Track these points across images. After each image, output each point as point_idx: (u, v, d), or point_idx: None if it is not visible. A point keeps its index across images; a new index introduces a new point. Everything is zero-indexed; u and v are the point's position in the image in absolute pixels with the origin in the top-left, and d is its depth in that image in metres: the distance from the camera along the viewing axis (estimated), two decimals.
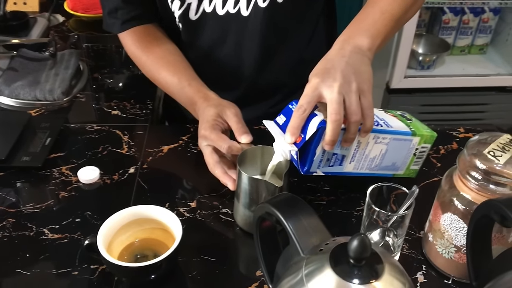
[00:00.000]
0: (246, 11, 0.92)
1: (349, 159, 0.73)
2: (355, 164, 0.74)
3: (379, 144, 0.74)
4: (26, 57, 1.10)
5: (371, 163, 0.76)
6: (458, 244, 0.67)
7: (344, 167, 0.73)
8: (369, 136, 0.72)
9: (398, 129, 0.75)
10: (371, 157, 0.75)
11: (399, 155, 0.78)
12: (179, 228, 0.69)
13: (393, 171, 0.80)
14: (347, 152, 0.72)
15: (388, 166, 0.78)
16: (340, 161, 0.72)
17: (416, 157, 0.80)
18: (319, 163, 0.70)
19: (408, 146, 0.77)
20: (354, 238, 0.43)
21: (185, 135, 0.95)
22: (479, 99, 2.21)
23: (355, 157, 0.74)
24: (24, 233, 0.76)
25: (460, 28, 2.21)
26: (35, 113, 1.00)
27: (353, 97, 0.66)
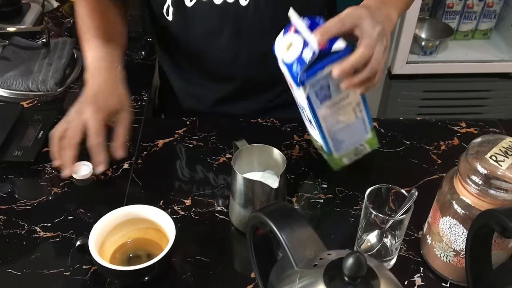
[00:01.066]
0: (244, 1, 0.89)
1: (328, 103, 0.71)
2: (328, 111, 0.72)
3: (353, 113, 0.74)
4: (18, 46, 1.08)
5: (335, 125, 0.74)
6: (457, 248, 0.66)
7: (321, 107, 0.71)
8: (356, 98, 0.71)
9: (369, 113, 0.76)
10: (340, 119, 0.74)
11: (351, 138, 0.77)
12: (172, 228, 0.67)
13: (335, 149, 0.77)
14: (335, 95, 0.70)
15: (337, 140, 0.76)
16: (323, 99, 0.70)
17: (355, 153, 0.79)
18: (315, 83, 0.67)
19: (361, 135, 0.77)
20: (350, 256, 0.42)
21: (181, 128, 0.93)
22: (482, 85, 2.17)
23: (334, 107, 0.71)
24: (16, 231, 0.74)
25: (464, 12, 2.17)
26: (27, 104, 0.98)
27: (382, 48, 0.66)
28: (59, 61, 1.05)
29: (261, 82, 1.00)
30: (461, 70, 2.12)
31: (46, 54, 1.07)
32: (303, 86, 0.67)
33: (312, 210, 0.79)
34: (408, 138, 0.93)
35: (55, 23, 1.28)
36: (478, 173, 0.61)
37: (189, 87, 1.04)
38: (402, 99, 2.17)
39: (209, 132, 0.92)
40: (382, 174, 0.86)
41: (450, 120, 0.98)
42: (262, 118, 0.96)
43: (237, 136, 0.79)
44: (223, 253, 0.74)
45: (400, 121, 1.00)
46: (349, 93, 0.70)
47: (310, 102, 0.69)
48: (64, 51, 1.08)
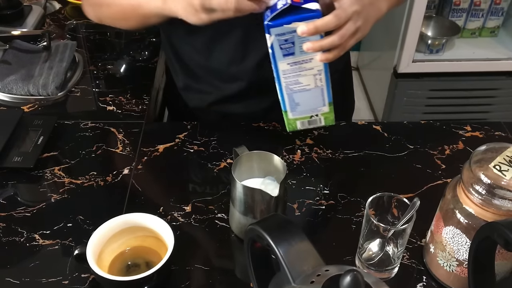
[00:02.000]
0: None
1: (291, 60, 0.72)
2: (289, 68, 0.73)
3: (313, 80, 0.74)
4: (19, 49, 1.07)
5: (293, 84, 0.75)
6: (460, 258, 0.64)
7: (283, 61, 0.72)
8: (318, 66, 0.72)
9: (330, 87, 0.76)
10: (300, 80, 0.74)
11: (308, 104, 0.77)
12: (171, 237, 0.67)
13: (291, 108, 0.78)
14: (298, 54, 0.71)
15: (293, 100, 0.77)
16: (287, 54, 0.71)
17: (309, 120, 0.80)
18: (281, 34, 0.69)
19: (318, 104, 0.78)
20: (347, 274, 0.41)
21: (182, 133, 0.93)
22: (489, 84, 2.15)
23: (295, 65, 0.73)
24: (15, 238, 0.74)
25: (471, 10, 2.14)
26: (28, 108, 0.98)
27: (353, 27, 0.68)
28: (60, 64, 1.04)
29: (269, 81, 0.99)
30: (468, 68, 2.10)
31: (47, 58, 1.06)
32: (269, 33, 0.69)
33: (313, 217, 0.78)
34: (412, 142, 0.92)
35: (57, 25, 1.27)
36: (481, 183, 0.60)
37: (194, 85, 1.03)
38: (408, 98, 2.15)
39: (210, 137, 0.92)
40: (385, 179, 0.85)
41: (455, 124, 0.97)
42: (263, 122, 0.95)
43: (238, 140, 0.78)
44: (223, 261, 0.73)
45: (404, 124, 0.98)
46: (313, 58, 0.71)
47: (273, 52, 0.71)
48: (65, 54, 1.07)
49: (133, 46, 1.21)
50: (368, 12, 0.71)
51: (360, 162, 0.88)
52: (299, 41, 0.69)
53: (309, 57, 0.71)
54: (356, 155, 0.89)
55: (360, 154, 0.89)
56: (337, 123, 0.96)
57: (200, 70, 0.98)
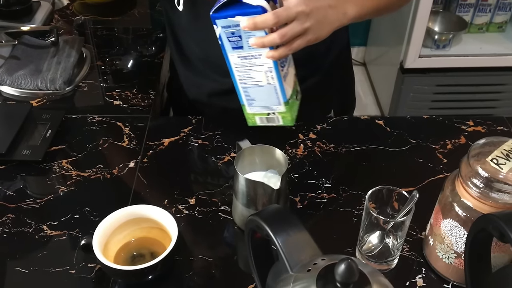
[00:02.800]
0: None
1: (240, 54, 0.71)
2: (239, 62, 0.73)
3: (265, 76, 0.74)
4: (28, 45, 1.09)
5: (246, 79, 0.75)
6: (458, 250, 0.65)
7: (233, 54, 0.72)
8: (268, 63, 0.71)
9: (283, 87, 0.75)
10: (252, 75, 0.74)
11: (263, 101, 0.77)
12: (175, 228, 0.68)
13: (248, 102, 0.78)
14: (247, 49, 0.71)
15: (249, 95, 0.77)
16: (235, 47, 0.71)
17: (267, 117, 0.79)
18: (226, 26, 0.69)
19: (273, 102, 0.77)
20: (342, 262, 0.42)
21: (187, 127, 0.94)
22: (496, 79, 2.14)
23: (245, 60, 0.72)
24: (23, 229, 0.76)
25: (479, 5, 2.13)
26: (36, 103, 1.00)
27: (298, 27, 0.68)
28: (67, 60, 1.06)
29: None
30: (475, 64, 2.09)
31: (55, 53, 1.08)
32: (215, 24, 0.69)
33: (315, 210, 0.79)
34: (414, 136, 0.93)
35: (65, 21, 1.29)
36: (479, 176, 0.61)
37: (193, 78, 1.05)
38: (414, 93, 2.15)
39: (214, 131, 0.93)
40: (387, 173, 0.86)
41: (458, 119, 0.98)
42: None
43: (242, 134, 0.79)
44: (226, 252, 0.75)
45: (407, 119, 0.99)
46: (262, 54, 0.71)
47: (222, 44, 0.71)
48: (73, 49, 1.09)
49: (140, 41, 1.23)
50: (325, 14, 0.70)
51: (362, 156, 0.89)
52: (245, 36, 0.69)
53: (258, 53, 0.71)
54: (358, 149, 0.90)
55: (362, 148, 0.90)
56: (340, 118, 0.98)
57: (199, 63, 1.00)
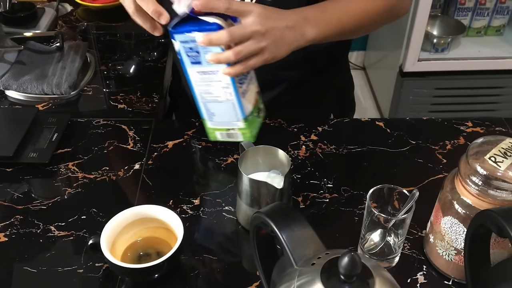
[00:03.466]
0: None
1: (199, 69, 0.73)
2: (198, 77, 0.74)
3: (223, 92, 0.75)
4: (33, 50, 1.11)
5: (205, 93, 0.77)
6: (458, 247, 0.67)
7: (192, 69, 0.74)
8: (226, 79, 0.73)
9: (242, 103, 0.77)
10: (210, 90, 0.76)
11: (223, 116, 0.79)
12: (180, 228, 0.70)
13: (208, 117, 0.80)
14: (205, 65, 0.72)
15: (209, 110, 0.79)
16: (194, 62, 0.73)
17: (227, 133, 0.81)
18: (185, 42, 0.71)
19: (232, 119, 0.79)
20: (345, 255, 0.43)
21: (190, 129, 0.96)
22: (495, 82, 2.16)
23: (204, 75, 0.74)
24: (32, 230, 0.77)
25: (477, 9, 2.15)
26: (42, 107, 1.02)
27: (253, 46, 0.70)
28: (72, 64, 1.08)
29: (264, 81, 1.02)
30: (474, 67, 2.11)
31: (60, 58, 1.10)
32: (173, 39, 0.71)
33: (317, 209, 0.81)
34: (414, 138, 0.95)
35: (69, 27, 1.31)
36: (478, 174, 0.62)
37: None
38: (414, 96, 2.16)
39: None
40: (387, 173, 0.88)
41: (456, 120, 0.99)
42: (269, 119, 0.98)
43: None
44: (231, 251, 0.76)
45: (406, 121, 1.01)
46: (219, 70, 0.72)
47: (181, 58, 0.73)
48: (78, 55, 1.11)
49: (142, 47, 1.24)
50: (281, 35, 0.72)
51: (363, 157, 0.91)
52: (203, 51, 0.71)
53: (216, 69, 0.72)
54: (359, 150, 0.92)
55: (363, 149, 0.92)
56: (341, 120, 1.00)
57: None
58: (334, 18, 0.79)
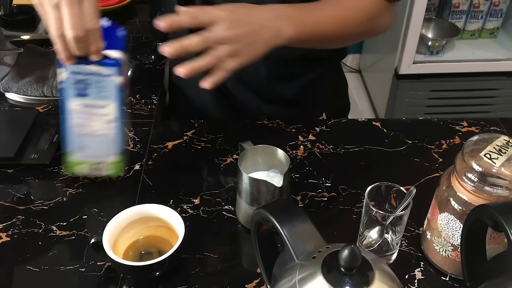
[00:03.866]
0: None
1: (83, 101, 0.74)
2: (80, 108, 0.74)
3: (106, 126, 0.76)
4: (33, 53, 1.12)
5: (82, 125, 0.76)
6: (455, 243, 0.68)
7: (75, 100, 0.74)
8: (112, 114, 0.75)
9: (121, 138, 0.78)
10: (89, 123, 0.76)
11: (96, 150, 0.79)
12: (181, 226, 0.71)
13: (78, 149, 0.79)
14: (93, 98, 0.73)
15: (82, 142, 0.78)
16: (80, 94, 0.73)
17: (92, 167, 0.81)
18: (77, 72, 0.71)
19: (106, 153, 0.80)
20: (345, 248, 0.45)
21: (189, 130, 0.97)
22: (489, 84, 2.19)
23: (87, 108, 0.74)
24: (33, 230, 0.78)
25: (471, 12, 2.18)
26: (42, 109, 1.02)
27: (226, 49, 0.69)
28: None
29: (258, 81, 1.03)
30: (468, 69, 2.14)
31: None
32: (63, 67, 0.71)
33: (316, 208, 0.82)
34: (410, 137, 0.96)
35: None
36: (473, 171, 0.64)
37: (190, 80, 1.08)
38: (409, 98, 2.19)
39: (216, 134, 0.96)
40: (384, 172, 0.89)
41: (452, 120, 1.01)
42: (268, 120, 1.00)
43: (244, 137, 0.82)
44: (231, 249, 0.77)
45: (403, 121, 1.02)
46: (108, 105, 0.73)
47: (65, 89, 0.73)
48: None
49: (140, 50, 1.25)
50: (256, 36, 0.71)
51: (360, 156, 0.92)
52: (96, 85, 0.72)
53: (104, 103, 0.73)
54: (357, 150, 0.93)
55: (360, 149, 0.93)
56: (338, 120, 1.01)
57: None
58: (311, 19, 0.78)
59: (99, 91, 0.74)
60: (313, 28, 0.79)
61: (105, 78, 0.74)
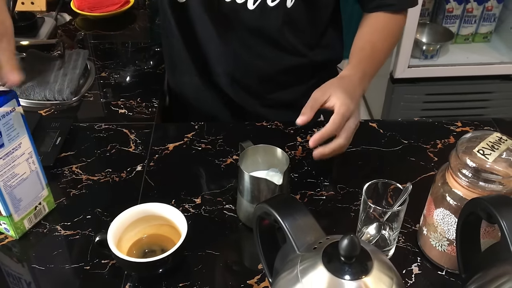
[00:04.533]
0: (252, 5, 0.95)
1: (2, 153, 0.70)
2: (2, 162, 0.70)
3: (27, 165, 0.74)
4: (35, 58, 1.14)
5: (11, 179, 0.73)
6: (450, 238, 0.70)
7: None
8: (28, 149, 0.73)
9: (42, 168, 0.77)
10: (16, 172, 0.73)
11: (29, 195, 0.77)
12: (184, 224, 0.73)
13: (14, 209, 0.75)
14: (7, 143, 0.70)
15: (15, 197, 0.75)
16: None
17: (34, 213, 0.79)
18: None
19: (38, 191, 0.78)
20: (345, 237, 0.46)
21: (190, 132, 0.99)
22: (483, 87, 2.21)
23: (7, 157, 0.71)
24: (38, 230, 0.80)
25: (464, 16, 2.21)
26: (45, 113, 1.04)
27: (354, 122, 0.85)
28: (73, 71, 1.11)
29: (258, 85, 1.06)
30: (463, 73, 2.16)
31: (61, 65, 1.13)
32: None
33: (315, 206, 0.84)
34: (406, 137, 0.98)
35: (68, 35, 1.34)
36: (467, 167, 0.66)
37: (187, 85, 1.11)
38: (404, 102, 2.21)
39: (216, 136, 0.98)
40: (381, 171, 0.91)
41: (447, 120, 1.03)
42: (266, 121, 1.02)
43: (243, 138, 0.83)
44: (232, 247, 0.79)
45: (399, 122, 1.05)
46: (22, 141, 0.72)
47: None
48: (78, 62, 1.14)
49: (139, 55, 1.28)
50: (357, 105, 0.85)
51: (357, 156, 0.94)
52: (4, 128, 0.68)
53: (18, 143, 0.71)
54: (354, 150, 0.95)
55: (357, 149, 0.95)
56: None
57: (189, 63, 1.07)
58: (373, 68, 0.96)
59: (10, 132, 0.71)
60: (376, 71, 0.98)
61: (10, 115, 0.70)
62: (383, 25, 0.99)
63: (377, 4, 0.98)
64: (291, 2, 0.95)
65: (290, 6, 0.95)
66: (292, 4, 0.95)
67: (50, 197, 0.81)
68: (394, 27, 1.00)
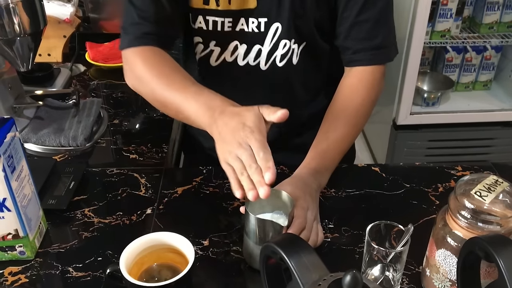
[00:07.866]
0: (264, 66, 1.03)
1: (15, 175, 0.75)
2: (16, 184, 0.76)
3: (29, 185, 0.79)
4: (51, 106, 1.19)
5: (23, 199, 0.78)
6: (452, 279, 0.72)
7: (13, 179, 0.75)
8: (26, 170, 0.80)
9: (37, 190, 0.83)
10: (25, 192, 0.79)
11: (34, 214, 0.82)
12: (191, 252, 0.74)
13: (29, 228, 0.80)
14: (15, 164, 0.75)
15: (28, 217, 0.80)
16: (13, 170, 0.75)
17: (39, 231, 0.85)
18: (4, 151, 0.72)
19: (37, 209, 0.83)
20: (347, 273, 0.49)
21: (198, 176, 1.02)
22: (485, 133, 2.25)
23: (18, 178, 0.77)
24: (51, 271, 0.82)
25: (464, 65, 2.28)
26: (59, 158, 1.08)
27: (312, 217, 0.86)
28: (87, 119, 1.16)
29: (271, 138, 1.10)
30: (464, 119, 2.21)
31: (76, 113, 1.18)
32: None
33: (319, 248, 0.86)
34: (408, 181, 1.01)
35: (82, 85, 1.40)
36: (466, 208, 0.68)
37: None
38: (408, 148, 2.25)
39: (224, 179, 1.01)
40: (384, 214, 0.93)
41: (447, 164, 1.06)
42: None
43: None
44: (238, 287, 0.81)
45: (401, 166, 1.08)
46: (22, 163, 0.77)
47: (6, 175, 0.73)
48: (92, 110, 1.19)
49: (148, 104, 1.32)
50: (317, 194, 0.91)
51: (361, 199, 0.97)
52: (14, 153, 0.75)
53: (22, 165, 0.77)
54: (357, 193, 0.98)
55: (360, 192, 0.98)
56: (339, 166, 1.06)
57: None
58: (334, 161, 0.98)
59: (16, 155, 0.76)
60: (337, 161, 0.98)
61: (15, 139, 0.76)
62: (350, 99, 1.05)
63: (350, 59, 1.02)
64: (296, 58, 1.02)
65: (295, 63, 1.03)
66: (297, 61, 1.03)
67: (44, 217, 0.87)
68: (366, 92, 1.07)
